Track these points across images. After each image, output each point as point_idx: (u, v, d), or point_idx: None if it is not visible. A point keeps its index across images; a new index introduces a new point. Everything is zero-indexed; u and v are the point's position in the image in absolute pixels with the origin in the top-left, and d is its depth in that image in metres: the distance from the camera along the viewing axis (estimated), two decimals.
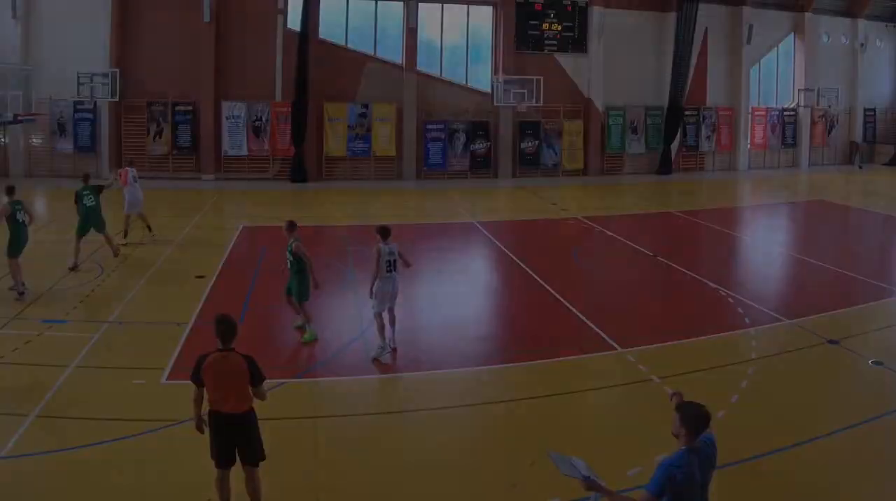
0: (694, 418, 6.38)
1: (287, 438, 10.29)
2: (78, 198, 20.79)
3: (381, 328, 13.99)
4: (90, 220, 20.78)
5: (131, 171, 23.88)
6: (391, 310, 14.32)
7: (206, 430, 8.62)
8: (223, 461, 8.57)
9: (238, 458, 8.61)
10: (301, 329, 15.08)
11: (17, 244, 17.20)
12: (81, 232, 20.52)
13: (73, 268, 19.65)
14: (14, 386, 12.14)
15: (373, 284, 13.94)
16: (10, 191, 17.73)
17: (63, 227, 22.44)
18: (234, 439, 8.56)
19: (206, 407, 8.56)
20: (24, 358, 13.27)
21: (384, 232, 14.17)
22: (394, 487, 9.50)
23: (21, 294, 16.90)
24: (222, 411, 8.42)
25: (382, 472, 9.79)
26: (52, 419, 10.82)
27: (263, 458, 8.73)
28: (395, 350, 14.24)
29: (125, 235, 23.17)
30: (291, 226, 14.83)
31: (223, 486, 8.65)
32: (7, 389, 12.03)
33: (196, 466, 9.24)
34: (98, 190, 21.45)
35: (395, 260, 14.10)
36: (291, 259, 14.66)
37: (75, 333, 14.75)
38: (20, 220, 17.18)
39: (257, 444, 8.66)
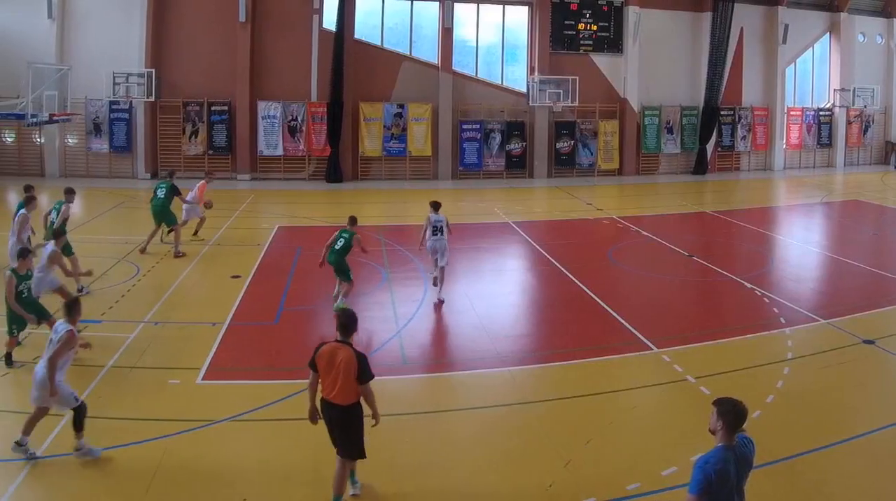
0: (732, 413, 6.15)
1: (321, 438, 9.44)
2: (154, 191, 21.25)
3: (434, 262, 17.15)
4: (157, 214, 20.94)
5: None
6: (442, 270, 16.96)
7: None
8: (333, 441, 8.74)
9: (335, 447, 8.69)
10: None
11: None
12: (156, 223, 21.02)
13: (142, 251, 20.49)
14: None
15: (421, 240, 17.12)
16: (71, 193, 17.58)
17: (96, 227, 21.46)
18: (335, 429, 8.63)
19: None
20: None
21: (435, 205, 17.38)
22: (429, 487, 9.23)
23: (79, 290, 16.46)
24: (328, 399, 8.50)
25: (417, 472, 9.54)
26: (88, 419, 10.00)
27: (361, 456, 8.69)
28: (441, 302, 16.72)
29: (195, 233, 22.86)
30: (353, 221, 16.75)
31: (341, 473, 8.63)
32: None
33: (231, 466, 9.34)
34: (173, 189, 21.34)
35: (441, 227, 16.98)
36: (342, 245, 16.03)
37: (111, 333, 14.26)
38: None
39: (355, 440, 8.59)
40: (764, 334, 14.89)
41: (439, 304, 16.66)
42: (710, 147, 41.61)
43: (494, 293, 18.24)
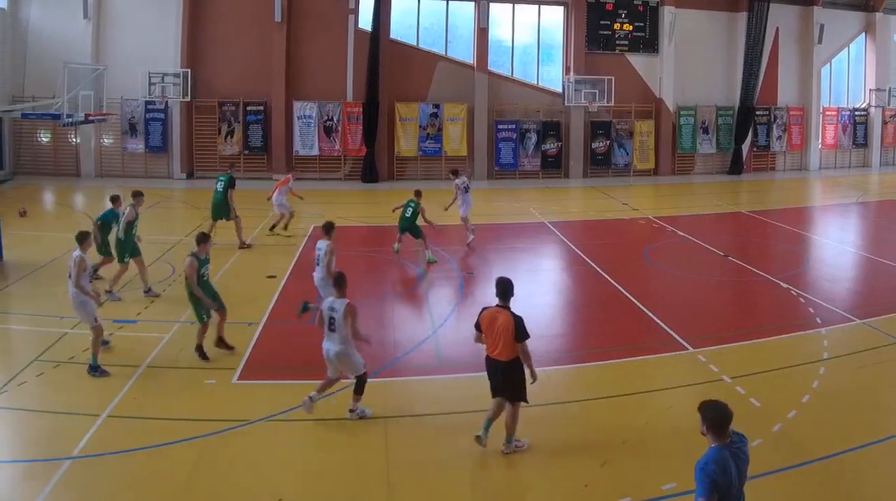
0: (714, 418, 5.98)
1: (357, 438, 9.93)
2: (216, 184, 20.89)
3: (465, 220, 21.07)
4: (215, 207, 20.68)
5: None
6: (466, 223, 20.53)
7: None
8: (494, 392, 9.55)
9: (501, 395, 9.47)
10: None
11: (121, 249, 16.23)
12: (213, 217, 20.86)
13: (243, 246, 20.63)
14: (85, 386, 11.33)
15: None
16: (137, 195, 16.65)
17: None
18: (498, 380, 9.43)
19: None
20: None
21: (455, 172, 21.38)
22: (465, 486, 9.10)
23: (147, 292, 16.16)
24: (492, 356, 9.40)
25: (453, 472, 9.30)
26: (123, 419, 10.20)
27: (524, 400, 9.46)
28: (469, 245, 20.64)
29: (285, 228, 22.70)
30: (418, 193, 19.95)
31: (495, 406, 9.50)
32: (78, 389, 11.22)
33: (266, 466, 9.13)
34: (230, 181, 20.90)
35: (467, 187, 20.71)
36: (410, 213, 19.48)
37: (146, 333, 13.83)
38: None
39: (517, 388, 9.38)
40: (799, 334, 14.28)
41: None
42: (745, 147, 39.34)
43: (530, 293, 16.91)
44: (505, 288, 9.45)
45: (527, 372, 9.33)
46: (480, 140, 36.29)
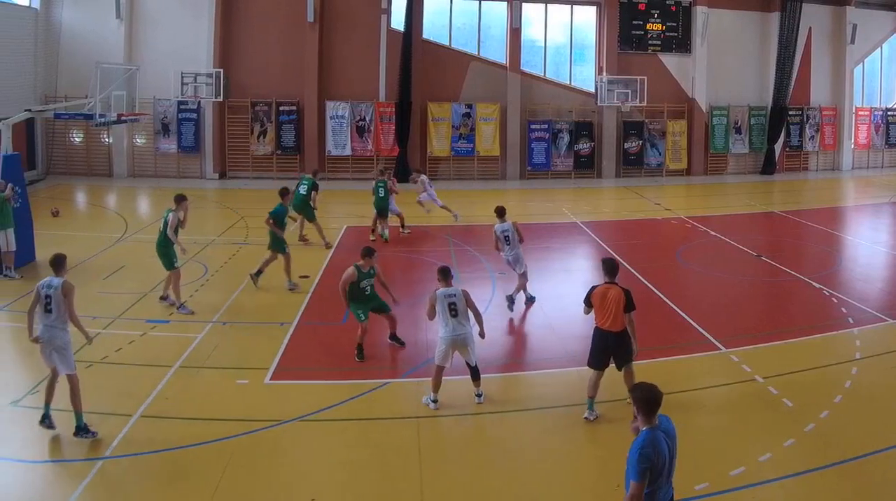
0: (645, 400, 5.92)
1: (390, 438, 9.60)
2: (297, 185, 20.28)
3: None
4: (298, 208, 19.98)
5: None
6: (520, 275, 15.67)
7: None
8: (598, 364, 10.06)
9: (613, 363, 10.03)
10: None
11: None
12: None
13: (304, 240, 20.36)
14: (118, 386, 10.97)
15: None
16: (177, 199, 15.15)
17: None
18: (610, 349, 9.96)
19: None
20: (127, 358, 12.03)
21: (500, 211, 15.68)
22: (498, 487, 8.57)
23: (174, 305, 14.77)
24: (603, 328, 9.92)
25: (486, 472, 8.88)
26: (156, 419, 9.92)
27: (634, 358, 10.07)
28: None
29: (402, 226, 22.02)
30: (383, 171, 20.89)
31: (595, 383, 10.04)
32: (111, 389, 10.85)
33: (299, 466, 8.85)
34: (314, 186, 20.50)
35: (510, 236, 15.31)
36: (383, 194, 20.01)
37: (179, 333, 13.33)
38: (161, 229, 14.75)
39: (628, 353, 9.97)
40: (832, 334, 13.75)
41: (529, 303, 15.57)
42: (778, 147, 37.21)
43: (563, 293, 16.51)
44: (612, 267, 10.20)
45: (634, 341, 9.93)
46: (513, 140, 34.42)
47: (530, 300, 15.49)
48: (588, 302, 10.03)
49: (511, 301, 15.01)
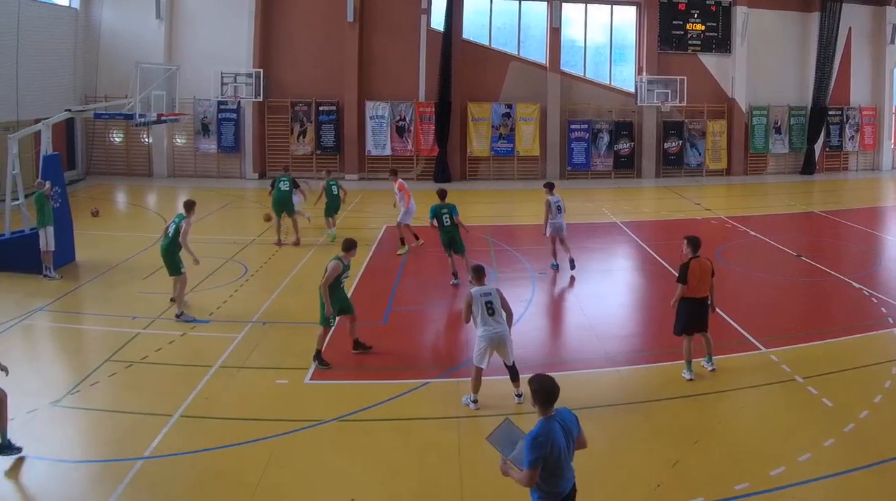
0: (541, 392, 5.79)
1: (430, 438, 9.09)
2: (273, 185, 19.29)
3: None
4: (282, 204, 19.07)
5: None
6: (563, 241, 16.70)
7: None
8: (690, 330, 10.54)
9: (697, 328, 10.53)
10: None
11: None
12: (277, 214, 19.17)
13: (278, 244, 18.97)
14: (157, 386, 10.38)
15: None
16: (188, 206, 14.10)
17: (204, 227, 19.26)
18: (702, 316, 10.61)
19: None
20: (167, 359, 11.43)
21: (549, 185, 17.16)
22: None
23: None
24: (695, 296, 10.51)
25: None
26: (196, 419, 9.32)
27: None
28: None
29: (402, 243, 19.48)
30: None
31: (689, 347, 10.55)
32: (151, 389, 10.29)
33: (338, 466, 8.39)
34: (294, 182, 19.77)
35: (561, 206, 16.48)
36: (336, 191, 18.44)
37: (219, 333, 12.67)
38: (169, 233, 13.65)
39: (707, 316, 10.71)
40: (872, 334, 12.94)
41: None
42: (817, 147, 34.90)
43: (602, 293, 15.97)
44: (698, 242, 10.78)
45: (713, 300, 10.88)
46: (553, 140, 32.31)
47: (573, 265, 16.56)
48: (685, 281, 10.41)
49: (572, 262, 16.40)
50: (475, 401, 9.83)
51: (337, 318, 11.45)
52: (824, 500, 7.88)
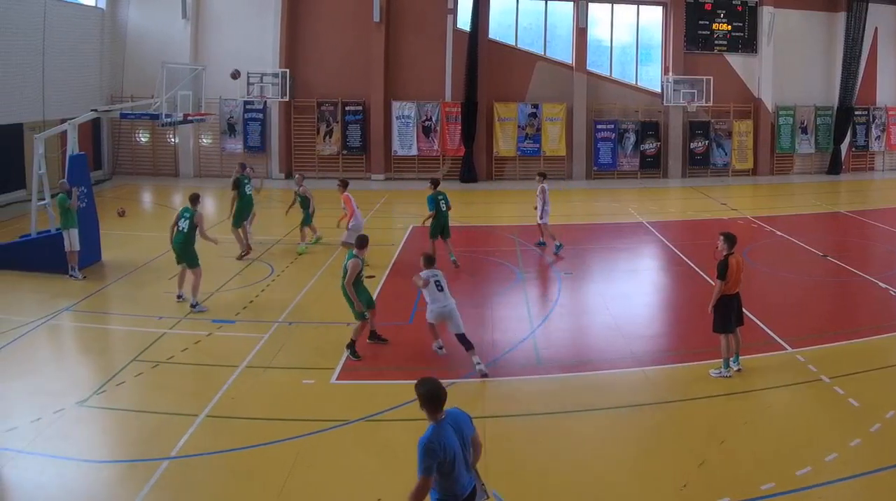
0: (425, 394, 5.39)
1: None
2: (239, 185, 17.31)
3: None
4: (249, 208, 17.55)
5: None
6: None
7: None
8: (731, 326, 10.19)
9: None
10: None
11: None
12: (238, 222, 17.15)
13: (242, 257, 16.82)
14: (183, 386, 10.01)
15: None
16: (194, 199, 13.97)
17: (230, 226, 17.84)
18: (738, 310, 10.33)
19: None
20: (193, 359, 10.96)
21: (542, 175, 18.24)
22: (562, 487, 7.71)
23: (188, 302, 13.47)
24: (731, 293, 10.19)
25: (550, 472, 7.98)
26: (222, 419, 9.01)
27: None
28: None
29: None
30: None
31: (731, 342, 10.21)
32: (177, 389, 9.91)
33: (365, 467, 8.09)
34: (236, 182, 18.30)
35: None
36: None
37: (245, 333, 12.17)
38: (182, 229, 13.48)
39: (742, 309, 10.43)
40: None
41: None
42: (844, 147, 33.08)
43: (629, 293, 15.36)
44: (734, 239, 10.32)
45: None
46: (579, 140, 30.63)
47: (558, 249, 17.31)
48: (723, 276, 10.09)
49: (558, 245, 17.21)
50: (441, 347, 11.04)
51: (369, 311, 11.20)
52: (850, 500, 7.56)
